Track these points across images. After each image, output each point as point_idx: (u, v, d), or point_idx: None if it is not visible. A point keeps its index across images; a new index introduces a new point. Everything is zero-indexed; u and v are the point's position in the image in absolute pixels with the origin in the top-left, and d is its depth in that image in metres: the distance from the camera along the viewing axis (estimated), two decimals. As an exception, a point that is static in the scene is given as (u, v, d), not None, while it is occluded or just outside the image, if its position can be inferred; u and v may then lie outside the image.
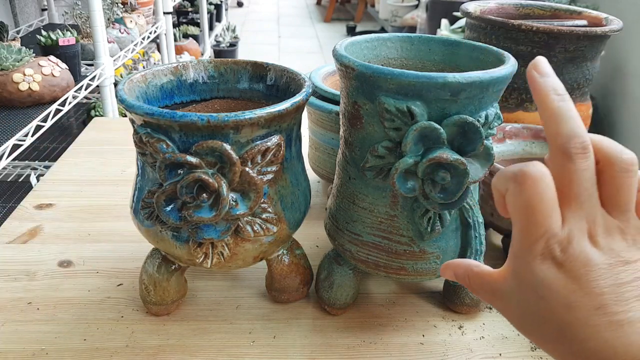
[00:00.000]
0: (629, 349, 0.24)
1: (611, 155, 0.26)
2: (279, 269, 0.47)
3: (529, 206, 0.26)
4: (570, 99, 0.26)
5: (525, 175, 0.26)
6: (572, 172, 0.26)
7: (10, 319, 0.48)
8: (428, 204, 0.39)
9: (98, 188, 0.71)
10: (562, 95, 0.26)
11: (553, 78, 0.27)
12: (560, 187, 0.26)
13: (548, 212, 0.26)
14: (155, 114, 0.35)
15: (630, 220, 0.26)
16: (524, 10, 0.77)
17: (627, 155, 0.26)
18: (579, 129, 0.26)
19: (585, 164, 0.26)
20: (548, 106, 0.27)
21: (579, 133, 0.26)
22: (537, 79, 0.27)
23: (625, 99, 1.72)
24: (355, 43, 0.46)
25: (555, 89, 0.27)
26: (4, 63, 1.10)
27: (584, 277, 0.25)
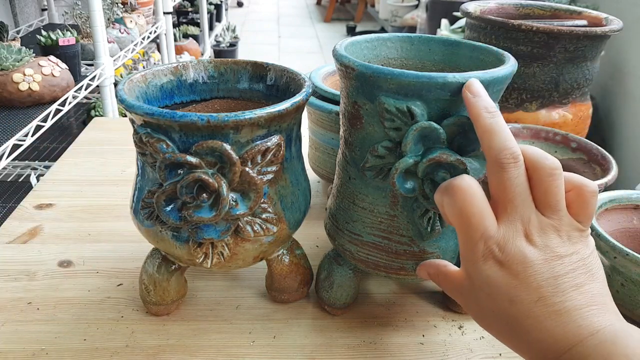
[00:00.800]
0: (567, 335, 0.26)
1: (537, 161, 0.29)
2: (279, 269, 0.47)
3: (462, 213, 0.30)
4: (500, 114, 0.31)
5: (455, 186, 0.31)
6: (506, 179, 0.29)
7: (10, 319, 0.48)
8: (428, 204, 0.39)
9: (98, 188, 0.71)
10: (492, 112, 0.30)
11: (484, 97, 0.31)
12: (497, 195, 0.29)
13: (481, 216, 0.29)
14: (155, 114, 0.35)
15: (562, 219, 0.29)
16: (524, 10, 0.77)
17: (550, 160, 0.29)
18: (508, 142, 0.29)
19: (516, 171, 0.29)
20: (481, 123, 0.31)
21: (509, 145, 0.29)
22: (471, 99, 0.31)
23: (625, 99, 1.71)
24: (355, 43, 0.46)
25: (487, 107, 0.31)
26: (4, 63, 1.10)
27: (522, 273, 0.27)
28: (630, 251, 0.41)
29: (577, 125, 0.68)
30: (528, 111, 0.67)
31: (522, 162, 0.29)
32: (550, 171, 0.29)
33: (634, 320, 0.44)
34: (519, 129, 0.61)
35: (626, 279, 0.43)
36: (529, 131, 0.61)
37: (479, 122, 0.30)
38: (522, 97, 0.66)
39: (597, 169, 0.55)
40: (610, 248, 0.43)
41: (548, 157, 0.29)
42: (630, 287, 0.43)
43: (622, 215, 0.51)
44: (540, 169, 0.29)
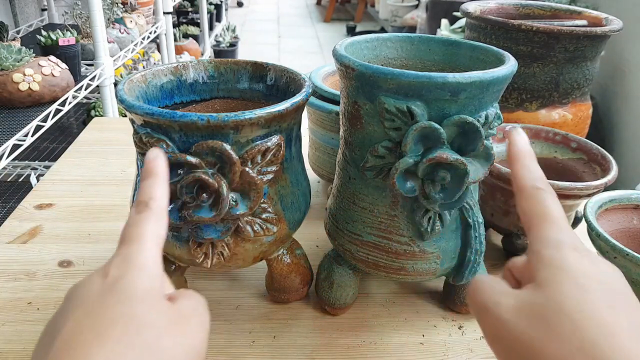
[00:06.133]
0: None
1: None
2: (279, 269, 0.47)
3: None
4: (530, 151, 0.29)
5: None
6: (552, 199, 0.28)
7: (10, 319, 0.48)
8: (428, 204, 0.39)
9: (98, 188, 0.71)
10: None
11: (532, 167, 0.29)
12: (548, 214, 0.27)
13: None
14: (155, 114, 0.35)
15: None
16: (524, 10, 0.77)
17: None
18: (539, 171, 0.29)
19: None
20: (514, 157, 0.29)
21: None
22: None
23: (625, 99, 1.71)
24: (355, 43, 0.46)
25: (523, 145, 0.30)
26: (4, 63, 1.10)
27: (614, 282, 0.25)
28: (630, 251, 0.41)
29: (577, 125, 0.68)
30: (528, 111, 0.67)
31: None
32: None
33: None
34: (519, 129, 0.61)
35: (626, 279, 0.43)
36: (529, 131, 0.61)
37: (512, 158, 0.30)
38: (522, 97, 0.66)
39: (597, 169, 0.55)
40: (610, 248, 0.43)
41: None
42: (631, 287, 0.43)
43: (622, 215, 0.51)
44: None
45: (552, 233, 0.26)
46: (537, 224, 0.26)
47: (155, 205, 0.26)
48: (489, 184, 0.55)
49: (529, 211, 0.27)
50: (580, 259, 0.25)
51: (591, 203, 0.48)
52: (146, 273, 0.24)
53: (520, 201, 0.28)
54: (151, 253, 0.25)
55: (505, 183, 0.51)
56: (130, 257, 0.24)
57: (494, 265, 0.58)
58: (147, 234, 0.25)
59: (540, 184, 0.28)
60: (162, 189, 0.27)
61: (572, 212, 0.55)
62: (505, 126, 0.61)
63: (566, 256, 0.25)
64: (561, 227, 0.26)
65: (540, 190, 0.27)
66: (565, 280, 0.24)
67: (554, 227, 0.26)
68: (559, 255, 0.25)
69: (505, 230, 0.56)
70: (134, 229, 0.25)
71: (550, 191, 0.27)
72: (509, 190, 0.52)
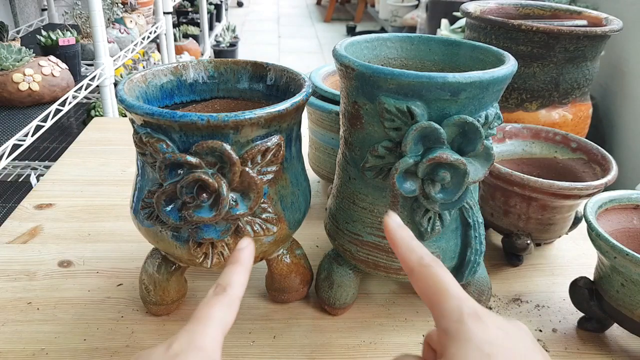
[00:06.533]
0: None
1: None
2: (279, 269, 0.47)
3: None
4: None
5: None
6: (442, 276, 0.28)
7: (10, 319, 0.48)
8: (428, 204, 0.39)
9: (98, 188, 0.71)
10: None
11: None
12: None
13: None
14: (155, 114, 0.35)
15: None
16: (524, 10, 0.77)
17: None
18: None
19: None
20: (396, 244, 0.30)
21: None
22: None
23: (625, 99, 1.71)
24: (355, 43, 0.46)
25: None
26: (4, 63, 1.10)
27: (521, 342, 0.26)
28: (630, 251, 0.41)
29: (577, 125, 0.68)
30: (528, 111, 0.67)
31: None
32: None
33: (634, 321, 0.44)
34: (519, 129, 0.61)
35: (626, 279, 0.43)
36: (529, 131, 0.61)
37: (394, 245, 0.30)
38: (522, 97, 0.66)
39: (597, 169, 0.55)
40: (610, 248, 0.43)
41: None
42: (630, 287, 0.43)
43: (622, 215, 0.51)
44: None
45: (452, 305, 0.26)
46: (436, 300, 0.27)
47: (232, 292, 0.28)
48: (489, 184, 0.55)
49: (424, 289, 0.28)
50: (483, 327, 0.25)
51: (591, 203, 0.48)
52: (204, 355, 0.25)
53: (413, 282, 0.28)
54: (214, 337, 0.26)
55: (505, 183, 0.51)
56: (194, 336, 0.26)
57: (494, 265, 0.58)
58: (215, 317, 0.27)
59: (427, 260, 0.28)
60: (243, 278, 0.29)
61: (572, 212, 0.55)
62: (505, 126, 0.61)
63: (469, 327, 0.25)
64: (459, 297, 0.26)
65: (429, 267, 0.28)
66: (471, 352, 0.24)
67: (452, 298, 0.26)
68: (462, 327, 0.25)
69: (505, 230, 0.56)
70: (205, 309, 0.27)
71: (438, 264, 0.28)
72: (509, 190, 0.52)
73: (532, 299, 0.53)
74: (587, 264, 0.58)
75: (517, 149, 0.61)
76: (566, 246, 0.62)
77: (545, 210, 0.53)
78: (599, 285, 0.47)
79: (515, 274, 0.57)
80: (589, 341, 0.48)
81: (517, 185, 0.51)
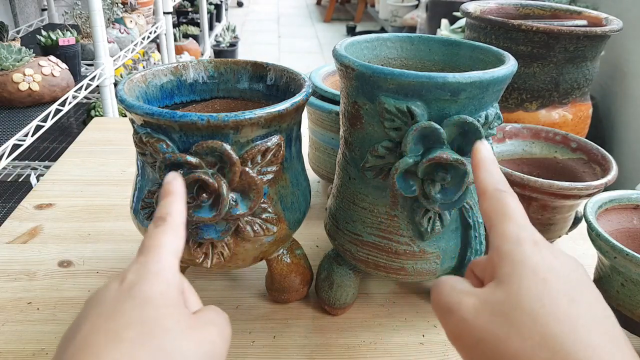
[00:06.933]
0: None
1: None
2: (279, 269, 0.47)
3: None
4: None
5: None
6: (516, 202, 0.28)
7: (10, 319, 0.48)
8: (428, 204, 0.39)
9: (98, 188, 0.71)
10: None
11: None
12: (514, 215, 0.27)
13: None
14: (155, 114, 0.35)
15: None
16: (524, 10, 0.77)
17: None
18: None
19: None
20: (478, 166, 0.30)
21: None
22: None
23: (625, 99, 1.71)
24: (355, 43, 0.46)
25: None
26: (4, 63, 1.10)
27: (576, 271, 0.26)
28: (630, 251, 0.41)
29: (577, 125, 0.68)
30: (528, 111, 0.67)
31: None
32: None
33: (634, 320, 0.44)
34: (519, 129, 0.61)
35: (626, 279, 0.43)
36: (529, 131, 0.61)
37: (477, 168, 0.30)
38: (522, 97, 0.66)
39: (597, 169, 0.55)
40: (610, 248, 0.43)
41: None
42: (630, 287, 0.43)
43: (622, 215, 0.51)
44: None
45: (512, 229, 0.26)
46: (497, 222, 0.27)
47: (171, 219, 0.27)
48: (489, 184, 0.55)
49: (490, 211, 0.27)
50: (540, 253, 0.25)
51: (591, 203, 0.48)
52: (162, 279, 0.24)
53: (482, 203, 0.28)
54: (167, 262, 0.25)
55: (505, 183, 0.51)
56: (147, 265, 0.25)
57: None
58: (164, 245, 0.26)
59: (502, 186, 0.28)
60: (179, 206, 0.28)
61: (572, 212, 0.55)
62: (505, 126, 0.61)
63: (526, 250, 0.25)
64: (521, 224, 0.26)
65: (502, 192, 0.28)
66: (526, 274, 0.24)
67: (514, 223, 0.26)
68: (519, 249, 0.25)
69: (505, 230, 0.56)
70: (151, 240, 0.26)
71: (512, 193, 0.28)
72: (509, 190, 0.52)
73: (532, 299, 0.53)
74: (587, 264, 0.58)
75: (517, 149, 0.61)
76: (566, 246, 0.62)
77: (545, 210, 0.53)
78: (599, 285, 0.47)
79: (515, 274, 0.57)
80: (589, 341, 0.48)
81: (517, 185, 0.51)
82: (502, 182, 0.28)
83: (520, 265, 0.24)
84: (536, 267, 0.24)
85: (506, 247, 0.25)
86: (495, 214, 0.27)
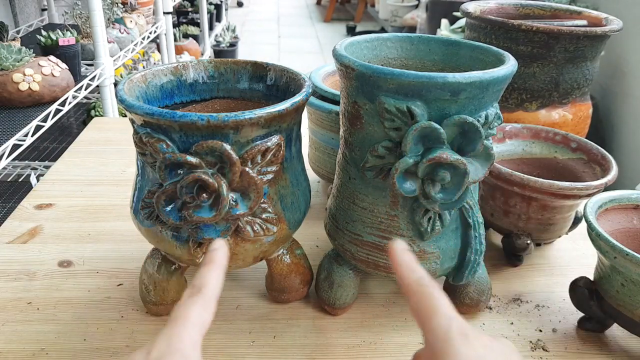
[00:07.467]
0: None
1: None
2: (279, 269, 0.47)
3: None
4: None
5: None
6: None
7: (10, 319, 0.48)
8: (428, 204, 0.39)
9: (98, 188, 0.71)
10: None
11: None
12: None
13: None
14: (155, 114, 0.35)
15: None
16: (524, 10, 0.77)
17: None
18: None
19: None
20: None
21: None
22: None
23: (625, 99, 1.71)
24: (355, 43, 0.46)
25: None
26: (4, 63, 1.10)
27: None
28: (630, 251, 0.41)
29: (577, 125, 0.68)
30: (528, 111, 0.67)
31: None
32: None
33: (634, 321, 0.44)
34: (519, 129, 0.61)
35: (626, 279, 0.43)
36: (528, 131, 0.61)
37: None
38: (522, 97, 0.66)
39: (597, 169, 0.55)
40: (610, 248, 0.43)
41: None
42: (630, 287, 0.43)
43: (622, 215, 0.51)
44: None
45: (440, 323, 0.26)
46: (425, 319, 0.27)
47: (206, 292, 0.28)
48: (489, 184, 0.55)
49: (418, 308, 0.28)
50: (470, 345, 0.25)
51: (591, 203, 0.48)
52: (182, 357, 0.25)
53: (409, 301, 0.29)
54: (191, 338, 0.26)
55: (505, 183, 0.51)
56: (172, 339, 0.26)
57: (494, 265, 0.58)
58: (192, 318, 0.27)
59: (424, 281, 0.29)
60: (217, 278, 0.29)
61: (572, 212, 0.55)
62: (505, 126, 0.61)
63: (456, 345, 0.25)
64: (449, 316, 0.27)
65: (425, 287, 0.28)
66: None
67: (442, 317, 0.27)
68: (450, 344, 0.26)
69: (505, 230, 0.56)
70: (182, 311, 0.27)
71: (434, 285, 0.29)
72: (509, 190, 0.52)
73: (532, 299, 0.53)
74: (587, 264, 0.58)
75: (517, 149, 0.61)
76: (566, 246, 0.62)
77: (545, 210, 0.53)
78: (599, 285, 0.47)
79: (515, 274, 0.57)
80: (589, 341, 0.48)
81: (517, 185, 0.51)
82: (424, 277, 0.29)
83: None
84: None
85: (437, 343, 0.26)
86: (424, 311, 0.28)
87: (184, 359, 0.25)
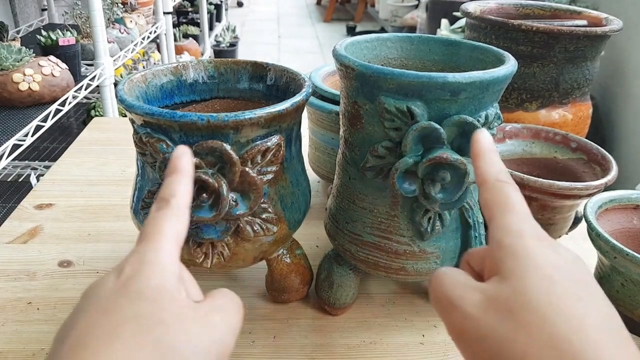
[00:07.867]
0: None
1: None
2: (279, 269, 0.47)
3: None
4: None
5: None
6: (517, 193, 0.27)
7: (10, 319, 0.48)
8: (428, 204, 0.39)
9: (98, 188, 0.71)
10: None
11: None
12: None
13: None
14: (155, 114, 0.35)
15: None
16: (524, 10, 0.77)
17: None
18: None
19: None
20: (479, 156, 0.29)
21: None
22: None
23: (625, 99, 1.71)
24: (355, 43, 0.46)
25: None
26: (4, 63, 1.10)
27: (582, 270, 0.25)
28: (630, 251, 0.41)
29: (577, 125, 0.68)
30: (528, 111, 0.67)
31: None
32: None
33: (634, 321, 0.44)
34: (519, 129, 0.61)
35: (626, 279, 0.43)
36: (529, 131, 0.61)
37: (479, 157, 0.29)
38: (522, 97, 0.66)
39: (597, 169, 0.55)
40: (610, 248, 0.43)
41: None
42: (630, 287, 0.43)
43: (622, 215, 0.51)
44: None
45: (513, 221, 0.25)
46: (498, 214, 0.26)
47: (175, 202, 0.26)
48: (489, 184, 0.55)
49: (491, 202, 0.26)
50: (543, 249, 0.24)
51: (591, 203, 0.48)
52: (160, 270, 0.24)
53: (482, 194, 0.27)
54: (167, 251, 0.24)
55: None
56: (145, 255, 0.24)
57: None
58: (165, 232, 0.25)
59: (503, 177, 0.27)
60: (185, 187, 0.27)
61: (572, 212, 0.55)
62: (505, 126, 0.61)
63: (529, 245, 0.24)
64: (523, 217, 0.25)
65: (503, 183, 0.27)
66: (531, 271, 0.23)
67: (516, 216, 0.25)
68: (522, 244, 0.24)
69: (505, 230, 0.56)
70: (152, 226, 0.25)
71: (513, 184, 0.27)
72: (509, 190, 0.52)
73: (532, 299, 0.53)
74: (587, 264, 0.58)
75: (517, 149, 0.61)
76: (566, 246, 0.62)
77: (545, 210, 0.53)
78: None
79: (515, 274, 0.57)
80: (589, 341, 0.48)
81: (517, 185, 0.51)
82: (504, 173, 0.27)
83: (524, 261, 0.23)
84: (540, 264, 0.23)
85: (508, 240, 0.24)
86: (496, 206, 0.26)
87: (162, 273, 0.23)
